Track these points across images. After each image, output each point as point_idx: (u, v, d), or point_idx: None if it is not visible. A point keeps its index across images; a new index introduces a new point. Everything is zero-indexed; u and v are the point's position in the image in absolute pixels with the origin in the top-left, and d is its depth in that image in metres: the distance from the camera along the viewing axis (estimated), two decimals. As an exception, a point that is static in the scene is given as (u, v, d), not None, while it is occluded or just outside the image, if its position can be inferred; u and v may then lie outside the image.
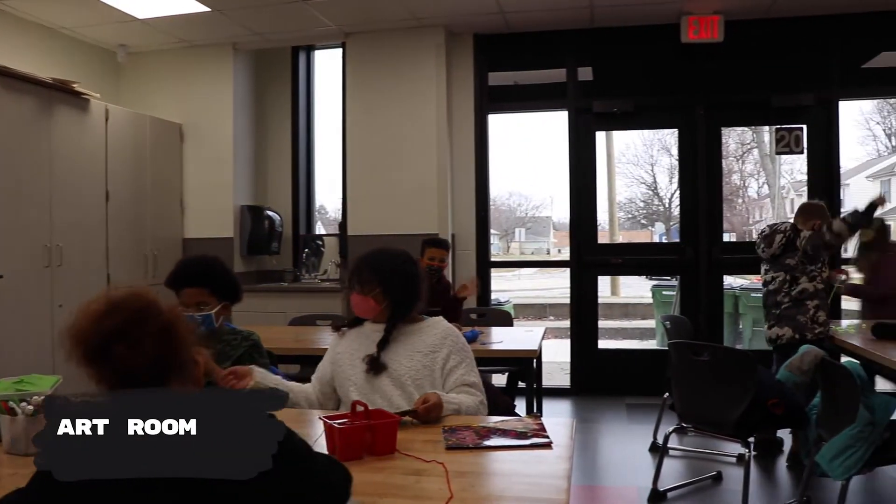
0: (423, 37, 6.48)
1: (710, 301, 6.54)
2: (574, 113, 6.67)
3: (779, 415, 3.78)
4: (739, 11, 6.11)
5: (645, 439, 5.17)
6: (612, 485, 4.52)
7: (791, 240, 4.72)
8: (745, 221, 22.28)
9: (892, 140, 26.13)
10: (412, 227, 6.37)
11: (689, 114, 6.56)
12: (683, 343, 4.18)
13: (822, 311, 4.69)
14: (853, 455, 3.28)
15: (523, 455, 2.14)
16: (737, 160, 22.40)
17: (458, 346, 2.72)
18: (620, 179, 21.62)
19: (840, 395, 3.47)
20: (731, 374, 3.79)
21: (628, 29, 6.49)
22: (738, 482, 3.86)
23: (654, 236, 21.39)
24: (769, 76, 6.50)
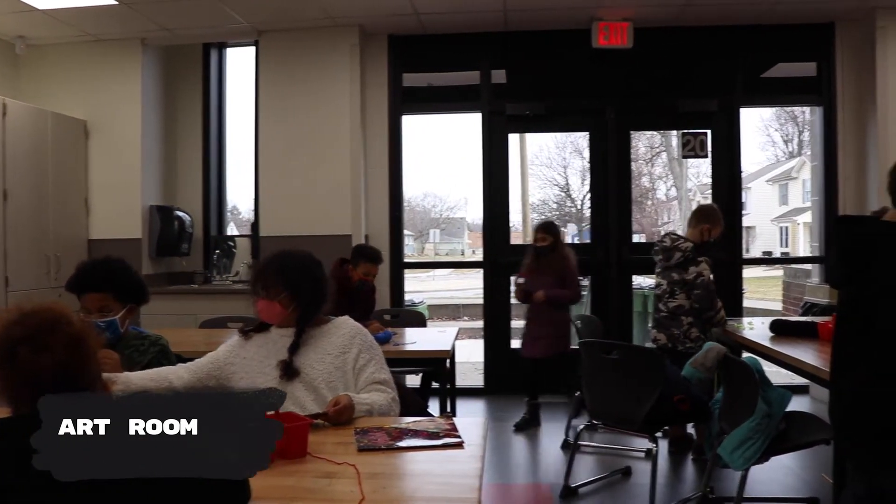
0: (337, 36, 6.43)
1: (620, 300, 6.71)
2: (487, 115, 6.73)
3: (684, 410, 3.91)
4: (648, 19, 6.28)
5: (557, 437, 5.26)
6: (525, 482, 4.58)
7: (688, 260, 4.78)
8: (654, 223, 22.92)
9: (789, 146, 27.31)
10: (325, 228, 6.32)
11: (599, 117, 6.71)
12: (593, 342, 4.27)
13: (696, 327, 4.77)
14: (752, 446, 3.42)
15: (435, 455, 2.15)
16: (646, 163, 23.03)
17: (367, 344, 2.71)
18: (534, 181, 21.92)
19: (740, 389, 3.61)
20: (640, 372, 3.89)
21: (541, 33, 6.60)
22: (646, 476, 3.96)
23: (567, 237, 21.81)
24: (676, 82, 6.72)
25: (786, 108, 19.39)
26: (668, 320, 4.84)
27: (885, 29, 6.11)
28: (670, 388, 3.82)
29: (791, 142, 26.76)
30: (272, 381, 2.59)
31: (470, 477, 1.96)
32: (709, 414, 3.97)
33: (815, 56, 6.64)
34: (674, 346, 4.76)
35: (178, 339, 4.06)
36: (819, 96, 6.65)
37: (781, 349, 3.99)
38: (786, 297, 8.59)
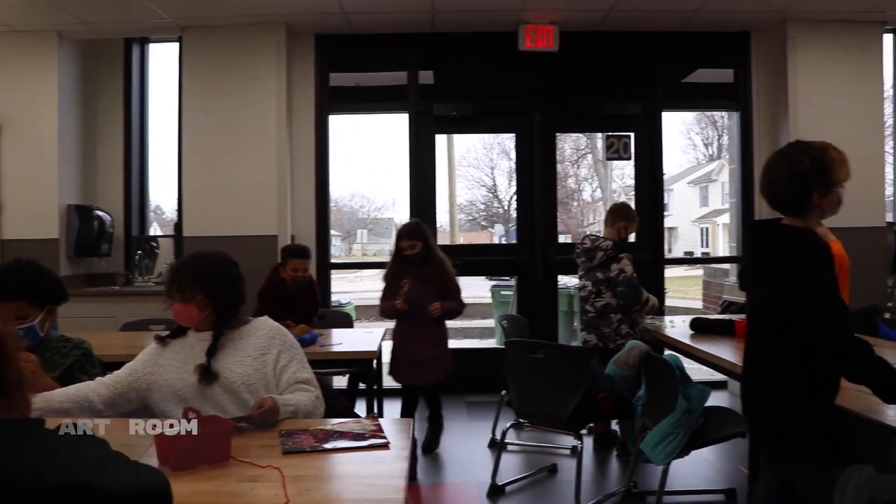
0: (263, 34, 6.34)
1: (545, 300, 6.80)
2: (414, 115, 6.74)
3: (608, 408, 3.99)
4: (573, 23, 6.38)
5: (484, 436, 5.30)
6: (453, 481, 4.60)
7: (610, 259, 4.90)
8: (580, 224, 23.30)
9: (709, 149, 28.11)
10: (251, 229, 6.23)
11: (525, 119, 6.79)
12: (519, 341, 4.32)
13: (625, 324, 4.90)
14: (673, 441, 3.51)
15: (361, 456, 2.15)
16: (572, 165, 23.40)
17: (287, 344, 2.68)
18: (461, 182, 22.05)
19: (662, 386, 3.71)
20: (565, 371, 3.96)
21: (468, 35, 6.64)
22: (572, 473, 4.05)
23: (494, 238, 21.99)
24: (600, 85, 6.86)
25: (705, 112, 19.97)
26: (597, 320, 4.93)
27: (795, 39, 6.37)
28: (594, 385, 3.89)
29: (711, 145, 27.58)
30: (191, 386, 2.55)
31: (395, 478, 1.96)
32: (632, 411, 4.07)
33: (732, 63, 6.86)
34: (605, 345, 4.85)
35: (98, 342, 3.93)
36: (736, 102, 6.87)
37: (701, 346, 4.11)
38: (706, 296, 8.85)
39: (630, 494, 4.16)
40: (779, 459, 2.57)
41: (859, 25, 6.40)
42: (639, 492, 4.19)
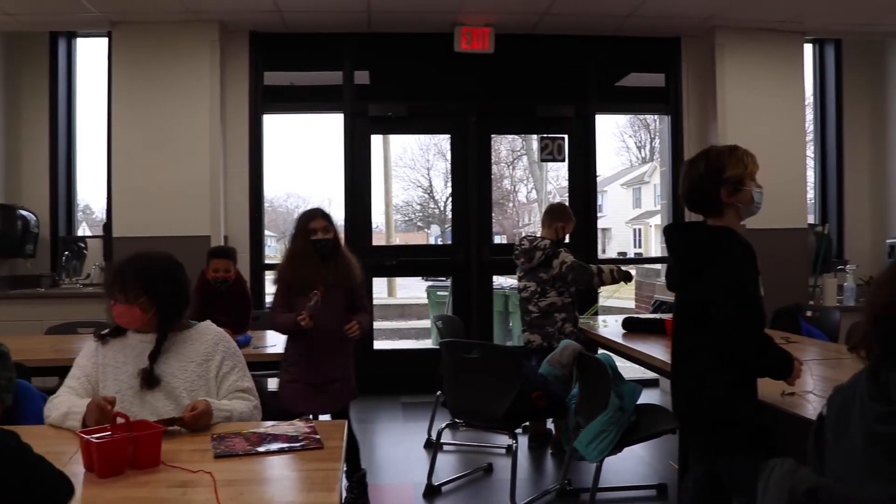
0: (196, 31, 6.22)
1: (480, 300, 6.84)
2: (350, 116, 6.71)
3: (542, 406, 4.04)
4: (509, 26, 6.44)
5: (420, 436, 5.31)
6: (389, 482, 4.59)
7: (550, 257, 4.95)
8: (515, 224, 23.54)
9: (642, 152, 28.69)
10: (183, 229, 6.11)
11: (461, 120, 6.83)
12: (454, 341, 4.34)
13: (569, 323, 4.97)
14: (606, 438, 3.58)
15: (294, 459, 2.13)
16: (508, 166, 23.62)
17: (231, 351, 2.64)
18: (397, 182, 22.06)
19: (595, 384, 3.77)
20: (499, 370, 3.99)
21: (405, 35, 6.64)
22: (508, 471, 4.06)
23: (430, 238, 22.06)
24: (535, 88, 6.93)
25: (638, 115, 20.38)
26: (542, 319, 4.97)
27: (723, 46, 6.55)
28: (528, 385, 3.94)
29: (644, 148, 28.17)
30: (130, 389, 2.48)
31: (330, 480, 1.96)
32: (565, 409, 4.13)
33: (663, 68, 7.02)
34: (549, 345, 4.87)
35: (22, 346, 3.83)
36: (667, 105, 7.03)
37: (633, 345, 4.20)
38: (638, 296, 9.03)
39: (564, 492, 4.22)
40: (706, 453, 2.65)
41: (782, 35, 6.62)
42: (573, 489, 4.25)
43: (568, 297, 4.98)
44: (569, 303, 4.99)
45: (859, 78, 7.36)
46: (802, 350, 3.84)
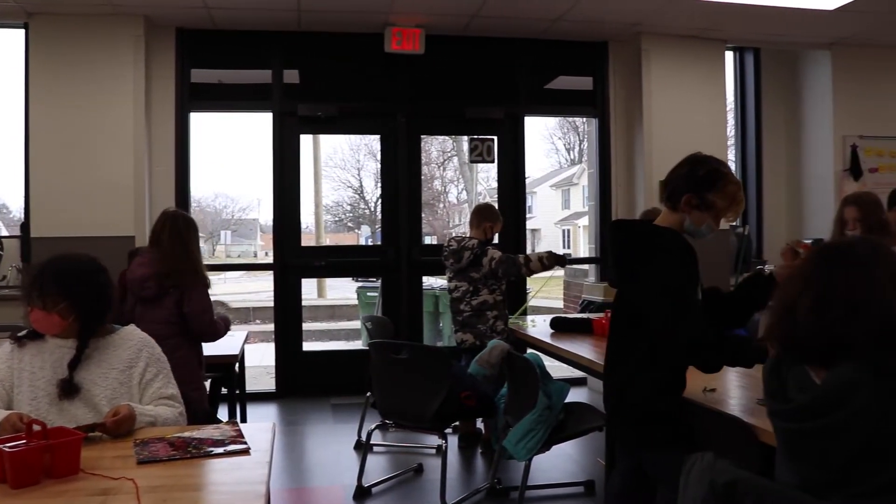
0: (119, 26, 6.05)
1: (410, 301, 6.84)
2: (279, 115, 6.63)
3: (471, 406, 4.07)
4: (439, 27, 6.46)
5: (350, 438, 5.28)
6: (319, 485, 4.56)
7: (478, 256, 4.96)
8: (445, 225, 23.65)
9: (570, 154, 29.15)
10: (106, 229, 5.93)
11: (391, 121, 6.81)
12: (382, 342, 4.34)
13: (501, 321, 5.00)
14: (534, 437, 3.62)
15: (220, 463, 2.10)
16: (439, 167, 23.72)
17: (155, 357, 2.56)
18: (328, 183, 21.94)
19: (523, 384, 3.81)
20: (428, 371, 4.00)
21: (335, 35, 6.59)
22: (438, 471, 4.06)
23: (361, 239, 21.98)
24: (465, 89, 6.97)
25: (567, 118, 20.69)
26: (474, 318, 4.99)
27: (648, 51, 6.70)
28: (457, 385, 3.96)
29: (573, 150, 28.64)
30: (46, 397, 2.38)
31: (256, 483, 1.93)
32: (494, 409, 4.16)
33: (591, 71, 7.13)
34: (482, 343, 4.88)
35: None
36: (595, 108, 7.15)
37: (560, 345, 4.25)
38: (566, 296, 9.14)
39: (494, 491, 4.25)
40: (632, 447, 2.71)
41: (704, 42, 6.81)
42: (502, 488, 4.29)
43: (499, 294, 5.02)
44: (500, 301, 5.02)
45: (776, 85, 7.64)
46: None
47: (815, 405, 1.66)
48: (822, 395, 1.66)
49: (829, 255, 1.82)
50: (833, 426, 1.62)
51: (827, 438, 1.63)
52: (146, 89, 6.17)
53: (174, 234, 3.87)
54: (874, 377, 1.60)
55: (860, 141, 7.16)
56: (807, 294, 1.76)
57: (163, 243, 3.86)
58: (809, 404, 1.67)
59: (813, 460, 1.66)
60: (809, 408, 1.67)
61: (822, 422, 1.64)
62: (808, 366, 1.75)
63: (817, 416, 1.65)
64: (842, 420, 1.61)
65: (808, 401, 1.68)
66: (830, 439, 1.63)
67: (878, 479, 1.57)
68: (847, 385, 1.62)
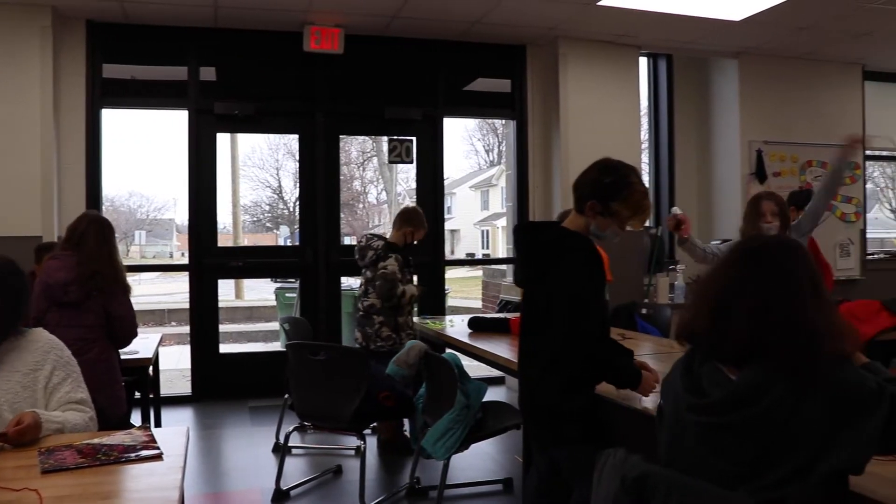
0: (25, 16, 5.81)
1: (329, 302, 6.80)
2: (195, 113, 6.49)
3: (390, 406, 4.07)
4: (359, 27, 6.43)
5: (268, 441, 5.22)
6: (236, 489, 4.48)
7: (380, 257, 4.95)
8: (365, 225, 23.55)
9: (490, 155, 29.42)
10: (12, 229, 5.69)
11: (309, 120, 6.75)
12: (300, 344, 4.30)
13: (387, 327, 4.95)
14: (453, 436, 3.65)
15: (131, 470, 2.05)
16: (359, 167, 23.60)
17: (63, 361, 2.47)
18: (246, 182, 21.58)
19: (441, 383, 3.84)
20: (346, 372, 3.98)
21: (253, 32, 6.50)
22: (357, 473, 4.05)
23: (280, 239, 21.68)
24: (384, 90, 6.96)
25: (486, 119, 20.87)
26: (364, 319, 4.99)
27: (566, 55, 6.83)
28: (376, 385, 3.96)
29: (492, 151, 28.91)
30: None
31: (169, 489, 1.89)
32: (413, 408, 4.17)
33: (509, 74, 7.22)
34: (367, 345, 4.91)
35: None
36: (513, 111, 7.24)
37: (478, 344, 4.30)
38: (485, 296, 9.23)
39: (413, 491, 4.27)
40: (546, 445, 2.76)
41: (619, 47, 6.99)
42: (421, 487, 4.31)
43: (377, 292, 4.95)
44: (388, 307, 4.97)
45: (688, 91, 7.90)
46: (638, 345, 4.06)
47: (732, 400, 1.72)
48: (737, 391, 1.72)
49: (749, 255, 1.87)
50: (748, 420, 1.69)
51: (741, 432, 1.70)
52: (55, 83, 5.95)
53: (100, 238, 3.77)
54: (785, 376, 1.68)
55: (765, 146, 7.47)
56: (724, 294, 1.81)
57: (86, 246, 3.74)
58: (726, 399, 1.73)
59: (726, 453, 1.72)
60: (726, 402, 1.73)
61: (737, 416, 1.70)
62: (720, 363, 1.81)
63: (733, 411, 1.71)
64: (755, 415, 1.68)
65: (725, 396, 1.74)
66: (744, 433, 1.69)
67: (782, 471, 1.65)
68: (761, 382, 1.69)
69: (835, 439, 1.63)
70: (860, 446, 1.64)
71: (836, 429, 1.64)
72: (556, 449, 2.68)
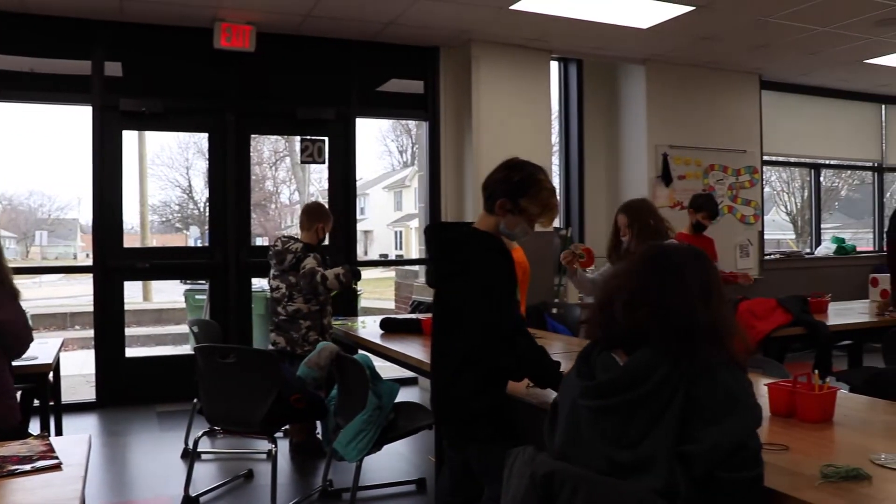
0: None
1: (239, 304, 6.69)
2: (99, 109, 6.28)
3: (301, 409, 4.03)
4: (271, 25, 6.35)
5: (177, 446, 5.10)
6: (143, 497, 4.37)
7: (300, 260, 4.92)
8: (277, 226, 23.20)
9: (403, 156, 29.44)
10: None
11: (219, 119, 6.62)
12: (209, 346, 4.21)
13: (314, 331, 4.95)
14: (365, 437, 3.64)
15: (27, 482, 1.97)
16: (271, 167, 23.25)
17: None
18: (154, 181, 20.99)
19: (353, 385, 3.82)
20: (256, 374, 3.92)
21: (161, 27, 6.33)
22: (269, 477, 4.00)
23: (189, 240, 21.17)
24: (296, 89, 6.89)
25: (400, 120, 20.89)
26: (287, 324, 4.94)
27: (478, 59, 6.90)
28: (287, 388, 3.92)
29: (405, 152, 28.90)
30: None
31: (68, 500, 1.84)
32: (325, 411, 4.15)
33: (422, 75, 7.25)
34: (292, 350, 4.87)
35: None
36: (426, 112, 7.27)
37: (390, 345, 4.31)
38: (398, 297, 9.24)
39: (326, 493, 4.25)
40: (458, 444, 2.78)
41: (531, 52, 7.11)
42: (334, 490, 4.29)
43: (315, 304, 4.94)
44: (315, 311, 4.94)
45: (598, 95, 8.10)
46: (548, 345, 4.11)
47: (617, 382, 1.79)
48: (623, 374, 1.80)
49: (649, 259, 1.96)
50: (632, 401, 1.75)
51: (626, 414, 1.76)
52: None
53: None
54: (670, 361, 1.75)
55: (670, 150, 7.72)
56: (624, 292, 1.89)
57: None
58: (611, 381, 1.80)
59: (613, 437, 1.78)
60: (611, 384, 1.80)
61: (622, 397, 1.77)
62: (613, 351, 1.88)
63: (618, 393, 1.78)
64: (639, 396, 1.75)
65: (610, 378, 1.81)
66: (629, 415, 1.76)
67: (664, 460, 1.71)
68: (646, 365, 1.77)
69: (695, 435, 1.71)
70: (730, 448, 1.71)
71: (707, 424, 1.72)
72: (468, 448, 2.71)
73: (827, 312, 5.55)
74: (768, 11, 6.14)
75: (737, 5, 5.98)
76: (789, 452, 1.81)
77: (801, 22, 6.38)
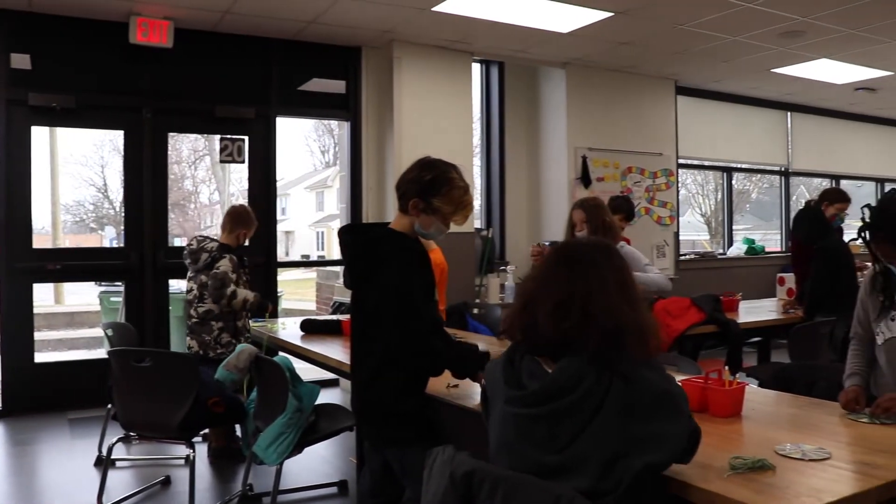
0: None
1: (156, 306, 6.52)
2: (5, 103, 6.03)
3: (220, 413, 3.96)
4: (189, 21, 6.21)
5: (90, 454, 4.96)
6: (53, 508, 4.24)
7: (216, 260, 4.85)
8: (197, 226, 22.73)
9: (325, 156, 29.20)
10: None
11: (135, 116, 6.44)
12: (123, 350, 4.10)
13: (227, 332, 4.89)
14: (285, 440, 3.61)
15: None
16: (190, 166, 22.74)
17: None
18: (67, 180, 20.26)
19: (272, 387, 3.78)
20: (173, 378, 3.83)
21: (73, 20, 6.11)
22: (187, 483, 3.92)
23: (105, 240, 20.50)
24: (215, 87, 6.76)
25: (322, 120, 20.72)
26: (199, 326, 4.85)
27: (400, 59, 6.90)
28: (205, 391, 3.85)
29: (328, 152, 28.67)
30: None
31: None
32: (244, 414, 4.09)
33: (344, 75, 7.21)
34: (205, 353, 4.79)
35: None
36: (348, 112, 7.23)
37: (310, 347, 4.27)
38: (319, 298, 9.17)
39: (246, 498, 4.19)
40: (379, 445, 2.78)
41: (453, 53, 7.15)
42: (255, 494, 4.24)
43: (227, 305, 4.87)
44: (228, 311, 4.88)
45: (519, 98, 8.20)
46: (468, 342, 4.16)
47: (546, 391, 1.82)
48: (552, 382, 1.82)
49: (565, 257, 1.99)
50: (561, 410, 1.78)
51: (555, 421, 1.79)
52: None
53: None
54: (597, 369, 1.79)
55: (589, 153, 7.87)
56: (544, 294, 1.92)
57: None
58: (540, 391, 1.83)
59: (542, 443, 1.81)
60: (540, 394, 1.82)
61: (551, 406, 1.79)
62: (539, 357, 1.91)
63: (547, 401, 1.80)
64: (568, 404, 1.78)
65: (540, 387, 1.83)
66: (558, 422, 1.79)
67: (593, 464, 1.75)
68: (574, 374, 1.80)
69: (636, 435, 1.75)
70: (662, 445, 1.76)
71: (638, 424, 1.76)
72: (389, 449, 2.71)
73: (738, 311, 5.75)
74: (683, 20, 6.33)
75: (654, 13, 6.15)
76: (700, 446, 1.87)
77: (714, 31, 6.60)
